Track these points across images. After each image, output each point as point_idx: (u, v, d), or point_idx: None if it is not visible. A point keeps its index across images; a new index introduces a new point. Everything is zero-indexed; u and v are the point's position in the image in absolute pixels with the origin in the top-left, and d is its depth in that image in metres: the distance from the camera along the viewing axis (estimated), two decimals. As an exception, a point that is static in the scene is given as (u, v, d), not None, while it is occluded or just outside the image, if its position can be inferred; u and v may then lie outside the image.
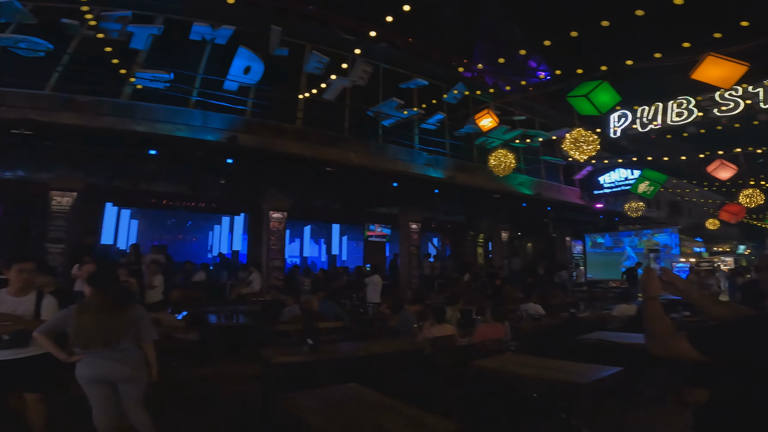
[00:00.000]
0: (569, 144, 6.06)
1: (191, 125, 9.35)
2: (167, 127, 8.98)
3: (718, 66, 4.49)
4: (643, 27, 4.95)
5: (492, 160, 7.03)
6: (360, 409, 2.71)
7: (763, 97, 7.47)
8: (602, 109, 5.45)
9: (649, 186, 10.59)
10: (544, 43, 5.47)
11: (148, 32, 8.67)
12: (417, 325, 5.99)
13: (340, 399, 2.90)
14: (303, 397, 2.91)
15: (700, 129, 8.83)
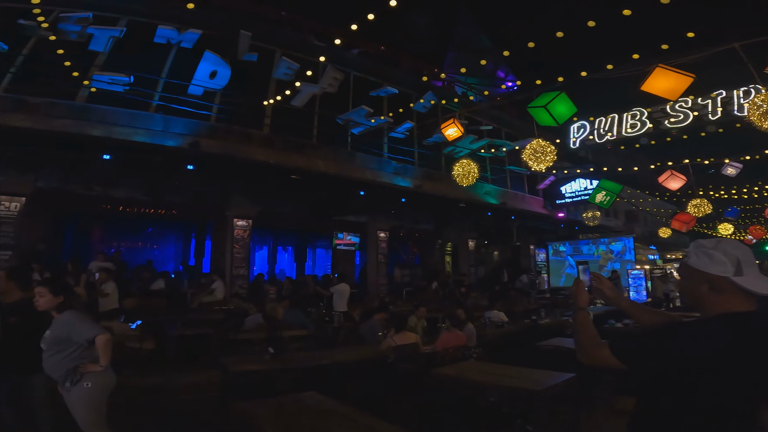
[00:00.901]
0: (528, 154, 6.26)
1: (151, 130, 9.06)
2: (125, 131, 8.67)
3: (666, 77, 4.74)
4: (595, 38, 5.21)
5: (456, 169, 7.16)
6: (316, 418, 2.68)
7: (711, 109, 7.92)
8: (560, 120, 5.66)
9: (605, 196, 11.06)
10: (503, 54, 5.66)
11: (108, 34, 8.39)
12: (381, 334, 5.98)
13: (296, 407, 2.85)
14: (258, 405, 2.84)
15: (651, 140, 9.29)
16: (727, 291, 1.35)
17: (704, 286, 1.38)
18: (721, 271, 1.35)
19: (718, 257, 1.37)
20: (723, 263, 1.36)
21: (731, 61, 5.36)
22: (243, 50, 9.19)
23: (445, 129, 7.14)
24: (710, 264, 1.38)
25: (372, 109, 10.61)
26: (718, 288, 1.36)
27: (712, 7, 4.75)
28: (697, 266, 1.41)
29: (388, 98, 11.88)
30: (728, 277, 1.34)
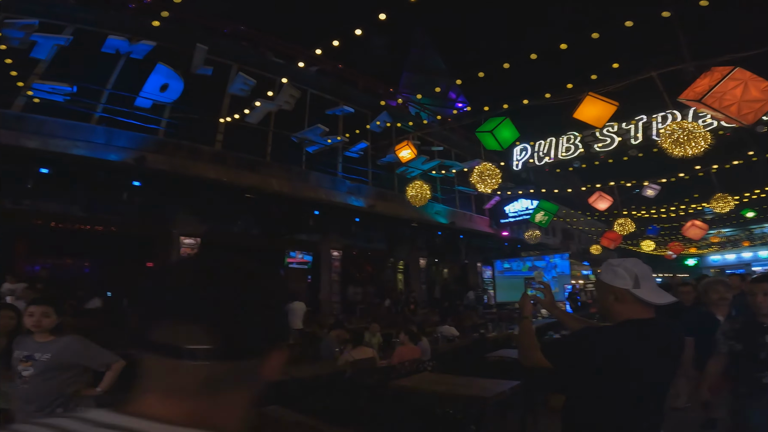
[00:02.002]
0: (476, 177, 6.67)
1: (92, 143, 8.61)
2: (63, 144, 8.19)
3: (594, 105, 5.33)
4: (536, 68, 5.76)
5: (410, 190, 7.46)
6: (282, 431, 2.70)
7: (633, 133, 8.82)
8: (504, 145, 6.12)
9: (544, 215, 11.89)
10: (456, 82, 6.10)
11: (53, 42, 7.97)
12: (338, 349, 6.02)
13: (260, 421, 2.84)
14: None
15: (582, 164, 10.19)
16: (628, 301, 1.64)
17: (611, 297, 1.67)
18: (622, 284, 1.65)
19: (620, 273, 1.67)
20: (624, 278, 1.65)
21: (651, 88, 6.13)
22: (198, 64, 9.06)
23: (399, 150, 7.44)
24: (615, 278, 1.67)
25: (327, 128, 10.76)
26: (621, 298, 1.65)
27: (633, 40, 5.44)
28: (605, 280, 1.70)
29: (344, 117, 12.11)
30: (628, 290, 1.63)
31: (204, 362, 0.51)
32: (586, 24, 13.71)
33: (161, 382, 0.53)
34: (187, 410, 0.53)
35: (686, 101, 5.16)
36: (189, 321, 0.52)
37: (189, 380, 0.52)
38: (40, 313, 2.66)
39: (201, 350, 0.51)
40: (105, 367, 2.77)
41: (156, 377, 0.54)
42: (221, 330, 0.52)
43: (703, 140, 4.79)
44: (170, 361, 0.52)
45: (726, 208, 9.44)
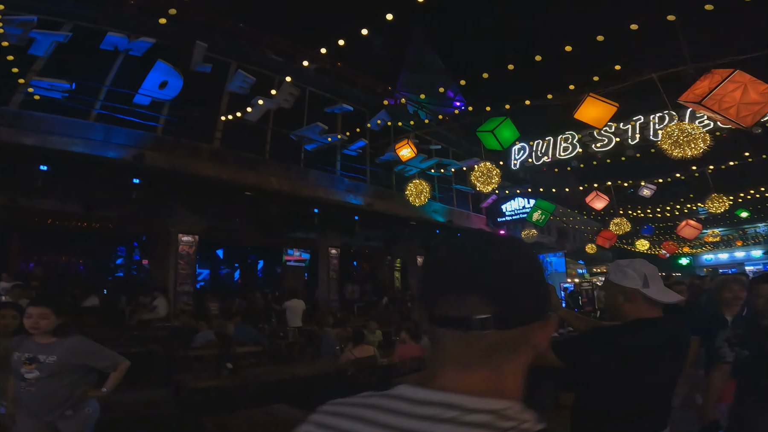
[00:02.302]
0: (476, 176, 6.71)
1: (90, 140, 8.55)
2: (61, 141, 8.13)
3: (594, 106, 5.38)
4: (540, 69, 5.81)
5: (409, 189, 7.48)
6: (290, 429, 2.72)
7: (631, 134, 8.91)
8: (504, 145, 6.16)
9: (541, 215, 11.96)
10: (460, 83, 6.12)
11: (51, 39, 7.90)
12: (339, 348, 6.06)
13: (268, 419, 2.88)
14: (231, 419, 2.84)
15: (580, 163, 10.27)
16: (638, 300, 1.68)
17: (620, 297, 1.72)
18: (632, 284, 1.69)
19: (630, 273, 1.71)
20: (633, 278, 1.70)
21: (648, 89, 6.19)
22: (197, 61, 9.02)
23: (399, 149, 7.46)
24: (624, 278, 1.71)
25: (327, 126, 10.75)
26: (630, 298, 1.69)
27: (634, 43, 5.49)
28: (615, 280, 1.74)
29: (343, 115, 12.09)
30: (638, 289, 1.67)
31: (486, 331, 0.56)
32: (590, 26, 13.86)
33: (453, 354, 0.58)
34: (481, 380, 0.57)
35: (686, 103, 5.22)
36: (473, 293, 0.57)
37: (475, 351, 0.57)
38: (38, 315, 2.59)
39: (484, 320, 0.56)
40: (111, 368, 2.75)
41: (447, 350, 0.59)
42: (500, 301, 0.56)
43: (702, 142, 4.85)
44: (458, 332, 0.57)
45: (721, 208, 9.56)
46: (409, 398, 0.57)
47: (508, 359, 0.59)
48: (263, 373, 4.75)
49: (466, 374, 0.57)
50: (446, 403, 0.54)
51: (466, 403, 0.54)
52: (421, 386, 0.58)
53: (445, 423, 0.53)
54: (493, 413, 0.54)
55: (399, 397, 0.58)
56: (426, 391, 0.57)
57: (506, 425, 0.54)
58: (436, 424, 0.53)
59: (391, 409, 0.57)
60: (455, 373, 0.58)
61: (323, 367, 5.21)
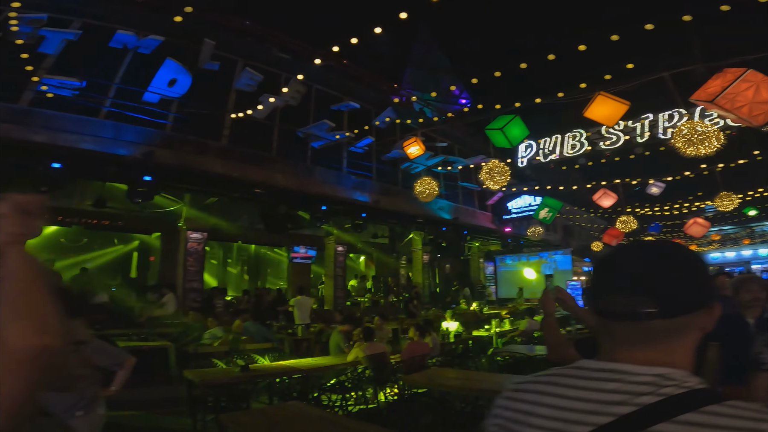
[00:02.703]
0: (485, 174, 6.72)
1: (100, 137, 8.60)
2: (71, 138, 8.18)
3: (605, 105, 5.37)
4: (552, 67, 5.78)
5: (418, 186, 7.50)
6: (307, 425, 2.76)
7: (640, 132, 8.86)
8: (514, 142, 6.17)
9: (548, 212, 11.96)
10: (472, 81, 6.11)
11: (62, 37, 7.94)
12: (348, 344, 6.10)
13: (284, 416, 2.91)
14: (245, 415, 2.88)
15: (588, 161, 10.22)
16: None
17: None
18: None
19: None
20: None
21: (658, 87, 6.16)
22: (205, 59, 9.04)
23: (407, 147, 7.47)
24: None
25: (334, 124, 10.76)
26: None
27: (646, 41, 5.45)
28: None
29: (349, 113, 12.10)
30: None
31: (652, 321, 0.70)
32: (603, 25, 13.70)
33: (623, 338, 0.73)
34: (648, 357, 0.71)
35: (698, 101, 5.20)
36: (638, 294, 0.71)
37: (642, 335, 0.72)
38: None
39: (649, 313, 0.70)
40: (117, 365, 2.74)
41: (618, 335, 0.74)
42: (662, 298, 0.70)
43: (716, 140, 4.84)
44: (626, 322, 0.72)
45: (730, 206, 9.52)
46: (588, 368, 0.75)
47: (675, 340, 0.72)
48: (274, 370, 4.80)
49: (635, 352, 0.72)
50: (617, 370, 0.71)
51: (633, 370, 0.70)
52: (598, 360, 0.75)
53: (614, 381, 0.70)
54: (657, 376, 0.68)
55: (579, 367, 0.76)
56: (601, 363, 0.74)
57: (668, 383, 0.67)
58: (608, 383, 0.70)
59: (574, 375, 0.75)
60: (625, 351, 0.73)
61: (333, 363, 5.24)
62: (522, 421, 0.77)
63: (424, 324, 6.08)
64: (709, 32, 6.27)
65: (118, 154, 8.48)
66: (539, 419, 0.74)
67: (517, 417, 0.78)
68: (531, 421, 0.75)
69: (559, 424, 0.72)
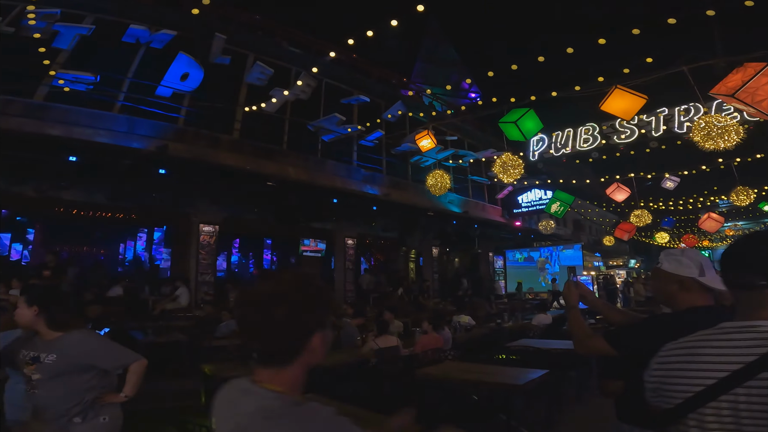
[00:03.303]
0: (498, 167, 6.66)
1: (114, 131, 8.70)
2: (86, 132, 8.29)
3: (622, 98, 5.30)
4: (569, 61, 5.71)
5: (430, 179, 7.47)
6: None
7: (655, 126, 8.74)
8: (528, 135, 6.11)
9: (560, 206, 11.85)
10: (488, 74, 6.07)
11: (75, 32, 8.01)
12: (360, 338, 6.13)
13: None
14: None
15: (602, 155, 10.11)
16: (694, 289, 1.70)
17: (674, 286, 1.73)
18: (688, 273, 1.70)
19: (685, 262, 1.73)
20: (690, 266, 1.71)
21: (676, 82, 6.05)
22: (216, 53, 9.06)
23: (419, 140, 7.44)
24: (680, 267, 1.73)
25: (344, 117, 10.75)
26: (687, 287, 1.70)
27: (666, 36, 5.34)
28: (669, 269, 1.75)
29: (359, 106, 12.07)
30: (695, 278, 1.69)
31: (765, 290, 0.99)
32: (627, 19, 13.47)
33: (748, 303, 1.03)
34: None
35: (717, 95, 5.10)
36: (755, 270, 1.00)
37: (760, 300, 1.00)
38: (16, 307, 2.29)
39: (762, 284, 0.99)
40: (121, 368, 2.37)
41: (743, 301, 1.04)
42: None
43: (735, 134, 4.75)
44: (746, 291, 1.02)
45: (747, 200, 9.36)
46: (727, 327, 1.04)
47: None
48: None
49: (761, 312, 1.00)
50: (750, 326, 1.00)
51: (762, 325, 0.98)
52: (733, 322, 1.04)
53: (750, 332, 0.98)
54: None
55: (720, 328, 1.05)
56: (736, 323, 1.03)
57: None
58: (745, 334, 0.99)
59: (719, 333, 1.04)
60: (754, 312, 1.01)
61: (345, 357, 5.27)
62: (683, 368, 1.05)
63: (437, 317, 6.08)
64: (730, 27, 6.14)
65: (132, 147, 8.57)
66: (699, 364, 1.02)
67: (678, 366, 1.07)
68: (692, 367, 1.03)
69: (716, 365, 0.99)
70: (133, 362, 2.39)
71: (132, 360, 2.39)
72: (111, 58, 8.86)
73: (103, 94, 8.65)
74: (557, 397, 4.61)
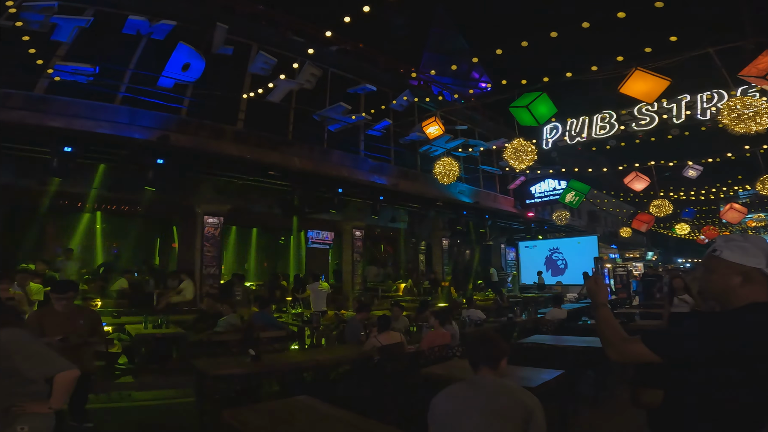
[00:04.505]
0: (510, 153, 6.33)
1: (116, 122, 8.57)
2: (87, 124, 8.16)
3: (644, 80, 4.94)
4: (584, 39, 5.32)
5: (437, 167, 7.16)
6: (313, 423, 2.57)
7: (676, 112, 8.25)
8: (540, 120, 5.76)
9: (575, 196, 11.42)
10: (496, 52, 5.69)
11: (74, 24, 7.88)
12: (364, 333, 5.91)
13: (290, 413, 2.72)
14: (249, 411, 2.70)
15: (620, 142, 9.64)
16: (758, 282, 1.43)
17: (737, 278, 1.45)
18: (755, 263, 1.43)
19: (752, 251, 1.45)
20: (757, 256, 1.44)
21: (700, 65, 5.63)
22: (218, 43, 8.85)
23: (426, 127, 7.13)
24: (745, 257, 1.45)
25: (350, 106, 10.46)
26: (751, 279, 1.43)
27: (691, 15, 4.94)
28: (732, 259, 1.47)
29: (366, 96, 11.76)
30: (762, 269, 1.42)
31: None
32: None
33: None
34: None
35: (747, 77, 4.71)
36: None
37: None
38: None
39: None
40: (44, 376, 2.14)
41: None
42: None
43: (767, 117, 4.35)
44: None
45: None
46: None
47: None
48: (286, 360, 4.63)
49: None
50: None
51: None
52: None
53: None
54: None
55: None
56: None
57: None
58: None
59: None
60: None
61: (348, 354, 5.05)
62: None
63: (444, 312, 5.81)
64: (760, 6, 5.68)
65: (134, 138, 8.42)
66: None
67: None
68: None
69: None
70: (59, 371, 2.12)
71: (59, 369, 2.13)
72: (113, 50, 8.72)
73: (104, 86, 8.51)
74: (573, 398, 4.32)
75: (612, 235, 26.63)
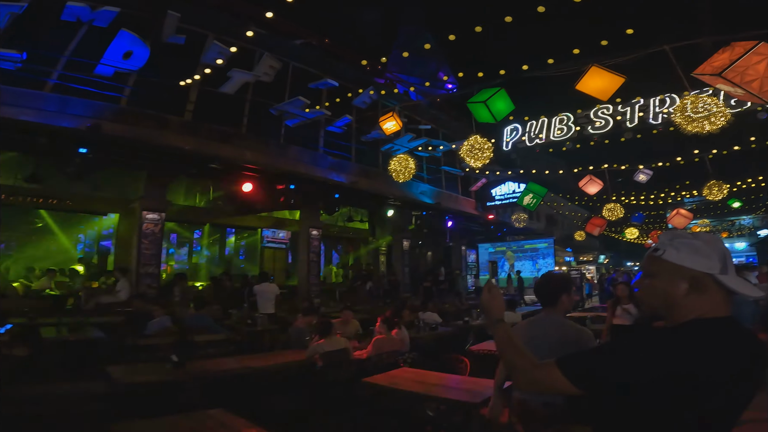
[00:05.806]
0: (466, 151, 6.13)
1: (42, 110, 7.76)
2: (9, 111, 7.33)
3: (600, 77, 4.85)
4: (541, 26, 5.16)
5: (393, 164, 6.87)
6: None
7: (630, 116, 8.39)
8: (498, 117, 5.59)
9: (532, 198, 11.47)
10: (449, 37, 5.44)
11: (7, 10, 7.05)
12: (309, 338, 5.50)
13: (191, 429, 2.30)
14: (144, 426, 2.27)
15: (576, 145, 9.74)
16: (710, 291, 1.12)
17: (683, 285, 1.13)
18: (706, 267, 1.12)
19: (704, 251, 1.13)
20: (709, 257, 1.12)
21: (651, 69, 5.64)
22: (169, 31, 8.21)
23: (383, 122, 6.83)
24: (695, 258, 1.13)
25: (309, 101, 10.00)
26: (701, 287, 1.12)
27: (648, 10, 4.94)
28: (677, 260, 1.15)
29: (328, 92, 11.34)
30: (714, 275, 1.11)
31: None
32: None
33: None
34: None
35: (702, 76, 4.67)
36: None
37: None
38: None
39: None
40: None
41: None
42: None
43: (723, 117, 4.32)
44: None
45: (719, 195, 9.14)
46: None
47: None
48: (214, 366, 4.16)
49: None
50: None
51: None
52: None
53: None
54: None
55: None
56: None
57: None
58: None
59: None
60: None
61: (286, 360, 4.64)
62: None
63: (392, 316, 5.48)
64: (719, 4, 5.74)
65: (61, 126, 7.63)
66: None
67: None
68: None
69: None
70: None
71: None
72: (49, 37, 7.93)
73: (34, 73, 7.70)
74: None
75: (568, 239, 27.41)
